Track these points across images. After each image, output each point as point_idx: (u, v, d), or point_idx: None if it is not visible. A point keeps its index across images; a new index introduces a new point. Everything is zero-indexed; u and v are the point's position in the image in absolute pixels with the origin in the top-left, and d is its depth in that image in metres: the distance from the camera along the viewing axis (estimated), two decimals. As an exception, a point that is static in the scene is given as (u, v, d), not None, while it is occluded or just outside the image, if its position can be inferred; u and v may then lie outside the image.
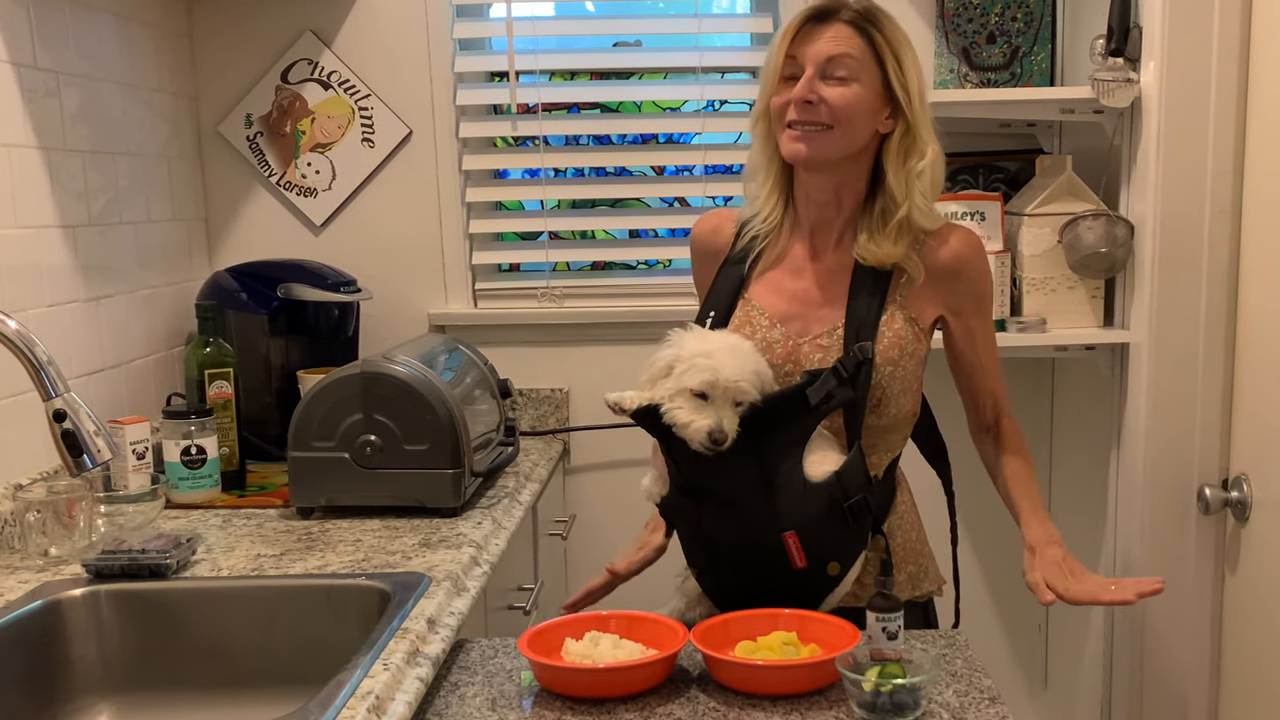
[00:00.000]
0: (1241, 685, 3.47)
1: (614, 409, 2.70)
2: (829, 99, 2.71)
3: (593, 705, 2.30)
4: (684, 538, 2.82)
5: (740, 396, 2.59)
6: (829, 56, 2.72)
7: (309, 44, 4.25)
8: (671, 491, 2.76)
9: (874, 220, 2.82)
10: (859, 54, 2.73)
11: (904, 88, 2.76)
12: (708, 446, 2.57)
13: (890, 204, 2.80)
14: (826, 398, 2.61)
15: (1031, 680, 4.48)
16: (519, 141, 4.45)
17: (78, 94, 3.51)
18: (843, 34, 2.74)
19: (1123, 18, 3.57)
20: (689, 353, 2.63)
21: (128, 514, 3.13)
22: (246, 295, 3.94)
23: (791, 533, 2.58)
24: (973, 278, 2.89)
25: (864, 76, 2.74)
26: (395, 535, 3.10)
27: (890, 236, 2.78)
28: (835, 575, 2.65)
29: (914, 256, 2.81)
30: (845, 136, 2.76)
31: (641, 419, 2.68)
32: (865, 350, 2.64)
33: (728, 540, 2.69)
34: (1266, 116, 3.28)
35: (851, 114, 2.73)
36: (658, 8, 4.61)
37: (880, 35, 2.75)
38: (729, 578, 2.73)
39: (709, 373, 2.57)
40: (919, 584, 2.93)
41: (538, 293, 4.42)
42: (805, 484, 2.61)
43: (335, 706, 2.08)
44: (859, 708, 2.21)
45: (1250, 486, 3.33)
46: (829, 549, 2.63)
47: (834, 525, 2.61)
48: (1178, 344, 3.51)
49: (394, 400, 3.25)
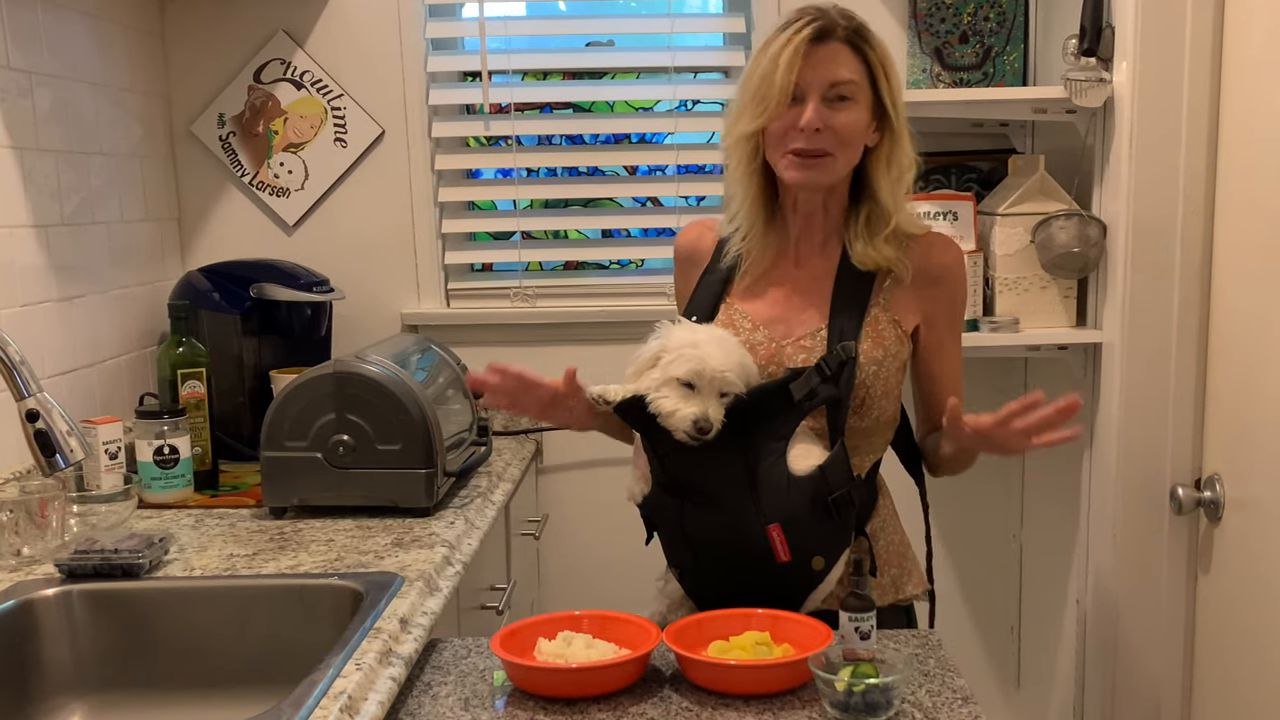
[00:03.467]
0: (1214, 685, 3.48)
1: (598, 402, 2.70)
2: (835, 126, 2.70)
3: (565, 705, 2.30)
4: (666, 538, 2.82)
5: (726, 387, 2.60)
6: (833, 83, 2.71)
7: (281, 44, 4.24)
8: (654, 489, 2.75)
9: (860, 226, 2.82)
10: (858, 76, 2.73)
11: (893, 103, 2.76)
12: (693, 435, 2.57)
13: (877, 211, 2.81)
14: (810, 394, 2.62)
15: (1004, 680, 4.49)
16: (491, 141, 4.46)
17: (50, 94, 3.50)
18: (842, 55, 2.72)
19: (1095, 17, 3.58)
20: (676, 343, 2.64)
21: (100, 514, 3.12)
22: (219, 295, 3.93)
23: (775, 526, 2.59)
24: (951, 287, 2.90)
25: (861, 98, 2.73)
26: (368, 535, 3.10)
27: (876, 245, 2.79)
28: (820, 570, 2.65)
29: (903, 258, 2.82)
30: (844, 161, 2.76)
31: (626, 411, 2.68)
32: (848, 349, 2.64)
33: (711, 537, 2.69)
34: (1239, 116, 3.28)
35: (852, 139, 2.74)
36: (630, 7, 4.61)
37: (873, 53, 2.74)
38: (712, 577, 2.73)
39: (696, 362, 2.58)
40: (902, 587, 2.92)
41: (510, 292, 4.42)
42: (789, 478, 2.61)
43: (308, 706, 2.07)
44: (832, 708, 2.22)
45: (1223, 486, 3.33)
46: (813, 543, 2.63)
47: (818, 519, 2.60)
48: (1150, 344, 3.51)
49: (367, 400, 3.25)
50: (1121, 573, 3.62)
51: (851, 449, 2.73)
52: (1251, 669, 3.21)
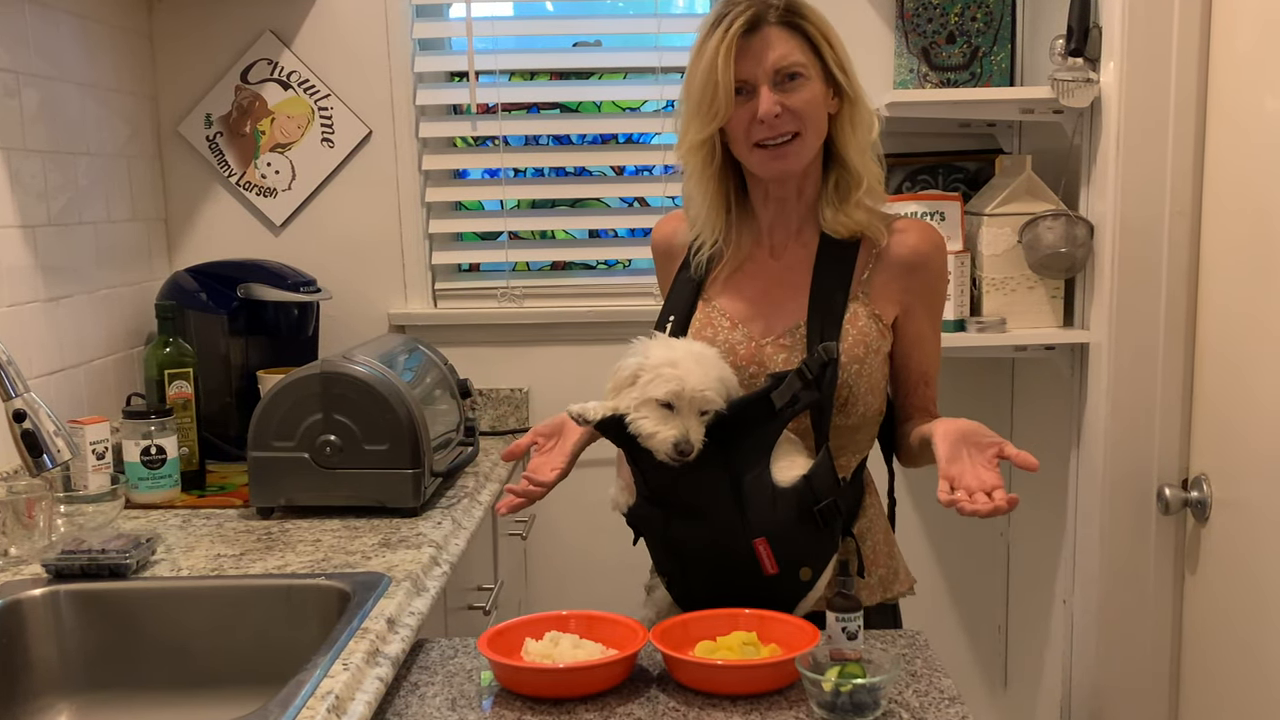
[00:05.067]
0: (1201, 685, 3.48)
1: (578, 420, 2.66)
2: (794, 106, 2.69)
3: (552, 705, 2.29)
4: (653, 546, 2.79)
5: (706, 405, 2.55)
6: (777, 68, 2.69)
7: (269, 44, 4.24)
8: (639, 501, 2.72)
9: (831, 193, 2.81)
10: (801, 53, 2.70)
11: (841, 68, 2.74)
12: (674, 457, 2.53)
13: (845, 175, 2.80)
14: (792, 400, 2.58)
15: (991, 680, 4.50)
16: (479, 141, 4.46)
17: (37, 94, 3.50)
18: (779, 38, 2.69)
19: (1082, 18, 3.58)
20: (654, 362, 2.59)
21: (87, 514, 3.12)
22: (206, 295, 3.93)
23: (762, 539, 2.55)
24: (930, 274, 2.86)
25: (810, 72, 2.71)
26: (355, 535, 3.10)
27: (848, 209, 2.78)
28: (807, 580, 2.61)
29: (878, 224, 2.81)
30: (813, 136, 2.74)
31: (606, 429, 2.64)
32: (830, 350, 2.60)
33: (697, 548, 2.65)
34: (1226, 117, 3.29)
35: (813, 113, 2.71)
36: (617, 8, 4.61)
37: (811, 25, 2.72)
38: (700, 585, 2.70)
39: (675, 383, 2.53)
40: (890, 586, 2.91)
41: (497, 293, 4.42)
42: (774, 490, 2.57)
43: (295, 706, 2.07)
44: (819, 708, 2.21)
45: (1210, 486, 3.34)
46: (800, 554, 2.60)
47: (804, 530, 2.57)
48: (1137, 344, 3.51)
49: (354, 400, 3.25)
50: (1108, 573, 3.62)
51: (837, 449, 2.71)
52: (1238, 669, 3.22)
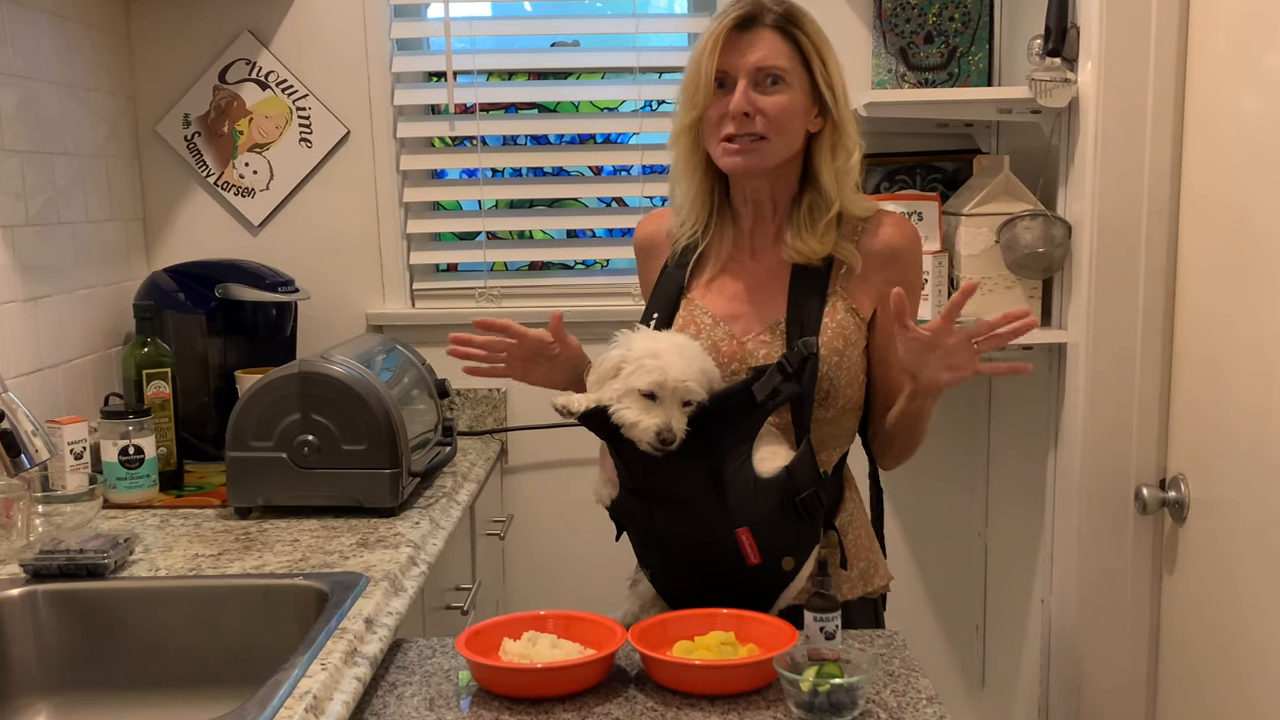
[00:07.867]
0: (1179, 685, 3.49)
1: (561, 412, 2.69)
2: (765, 109, 2.71)
3: (530, 705, 2.30)
4: (636, 539, 2.81)
5: (688, 396, 2.59)
6: (759, 66, 2.72)
7: (247, 44, 4.23)
8: (621, 494, 2.75)
9: (802, 217, 2.82)
10: (788, 60, 2.73)
11: (830, 87, 2.76)
12: (656, 447, 2.57)
13: (819, 199, 2.81)
14: (773, 393, 2.61)
15: (969, 680, 4.50)
16: (457, 141, 4.45)
17: (15, 94, 3.49)
18: (768, 39, 2.73)
19: (1060, 18, 3.58)
20: (637, 353, 2.63)
21: (65, 514, 3.11)
22: (184, 295, 3.93)
23: (744, 529, 2.58)
24: (905, 266, 2.87)
25: (794, 81, 2.74)
26: (333, 535, 3.10)
27: (818, 233, 2.79)
28: (790, 570, 2.65)
29: (848, 246, 2.82)
30: (781, 144, 2.76)
31: (589, 421, 2.67)
32: (810, 345, 2.64)
33: (680, 540, 2.68)
34: (1203, 116, 3.29)
35: (787, 122, 2.74)
36: (595, 8, 4.61)
37: (805, 37, 2.75)
38: (683, 577, 2.73)
39: (657, 373, 2.57)
40: (870, 580, 2.92)
41: (475, 293, 4.42)
42: (756, 480, 2.61)
43: (273, 706, 2.07)
44: (796, 708, 2.22)
45: (1188, 487, 3.34)
46: (782, 544, 2.63)
47: (786, 520, 2.60)
48: (1115, 344, 3.52)
49: (332, 400, 3.25)
50: (1086, 572, 3.63)
51: (818, 443, 2.73)
52: (1216, 669, 3.22)
